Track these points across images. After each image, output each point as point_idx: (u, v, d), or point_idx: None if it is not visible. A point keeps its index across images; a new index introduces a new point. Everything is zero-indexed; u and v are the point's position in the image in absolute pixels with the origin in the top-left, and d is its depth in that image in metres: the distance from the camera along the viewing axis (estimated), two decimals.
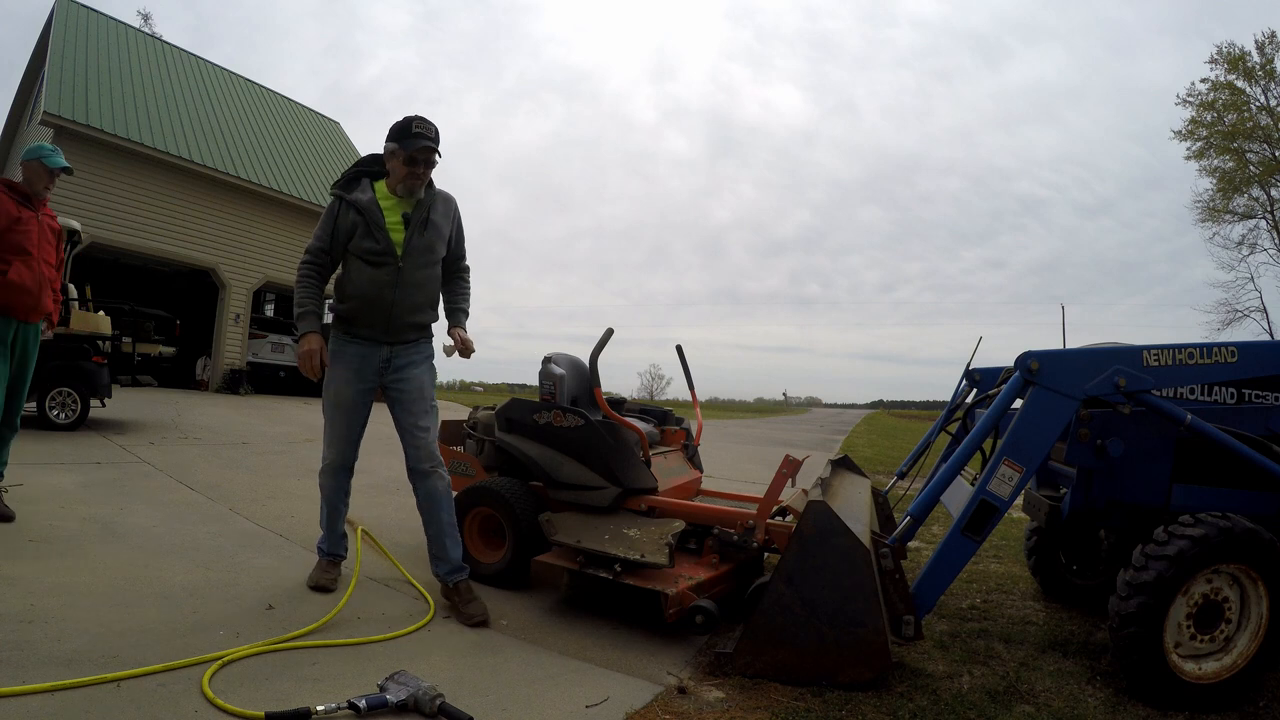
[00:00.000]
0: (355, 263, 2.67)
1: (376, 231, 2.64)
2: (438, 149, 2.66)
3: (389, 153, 2.67)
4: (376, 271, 2.65)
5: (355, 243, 2.65)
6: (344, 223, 2.67)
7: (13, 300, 3.27)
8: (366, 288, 2.65)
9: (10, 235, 3.25)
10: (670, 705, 2.00)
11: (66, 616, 2.21)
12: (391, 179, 2.69)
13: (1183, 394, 2.48)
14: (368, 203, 2.66)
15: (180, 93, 15.61)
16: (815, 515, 2.18)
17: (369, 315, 2.68)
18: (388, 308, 2.67)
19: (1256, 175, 23.43)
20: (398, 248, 2.66)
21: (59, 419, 6.73)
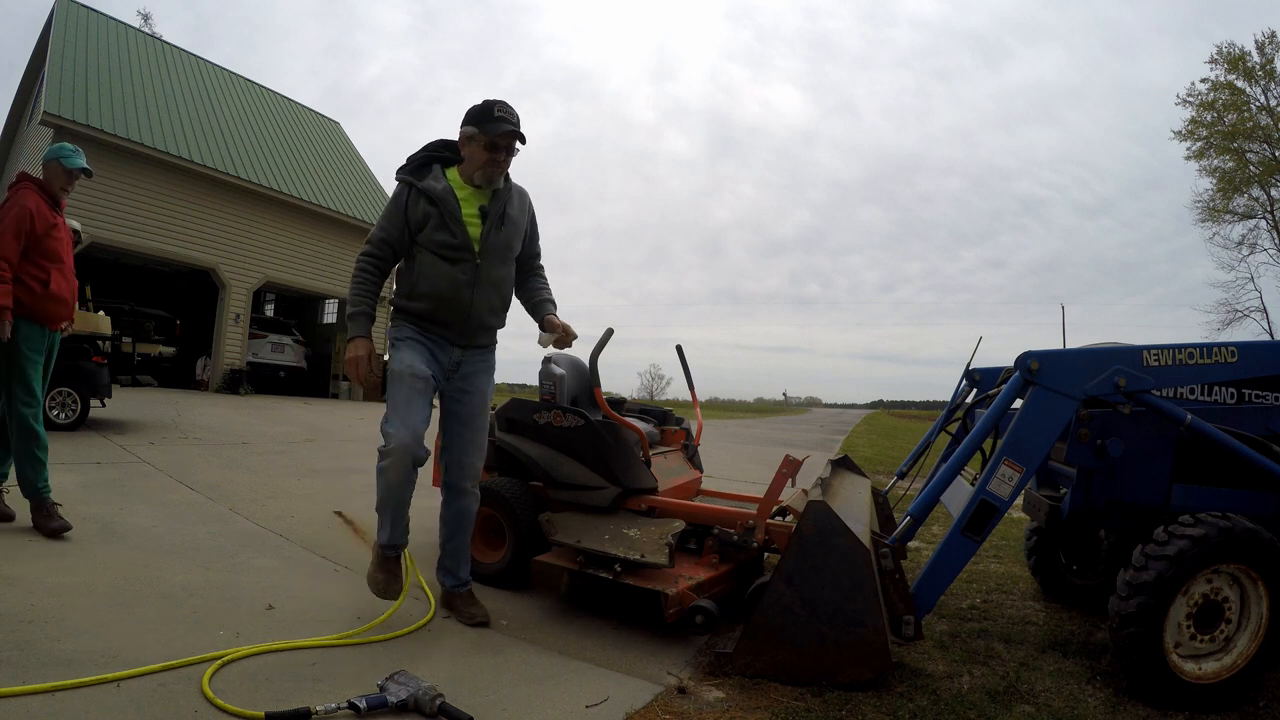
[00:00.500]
0: (427, 257, 2.44)
1: (453, 224, 2.41)
2: (522, 135, 2.43)
3: (466, 138, 2.43)
4: (452, 268, 2.43)
5: (427, 235, 2.42)
6: (415, 213, 2.43)
7: (53, 310, 3.25)
8: (442, 285, 2.43)
9: (48, 243, 3.20)
10: (670, 705, 2.00)
11: (66, 616, 2.21)
12: (467, 167, 2.47)
13: (1183, 394, 2.48)
14: (443, 192, 2.42)
15: (180, 93, 15.61)
16: (815, 515, 2.18)
17: (443, 315, 2.47)
18: (465, 307, 2.46)
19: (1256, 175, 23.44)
20: (475, 243, 2.45)
21: (59, 419, 6.72)
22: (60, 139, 11.92)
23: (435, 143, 2.57)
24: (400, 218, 2.45)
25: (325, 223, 16.75)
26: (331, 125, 21.05)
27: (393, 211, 2.48)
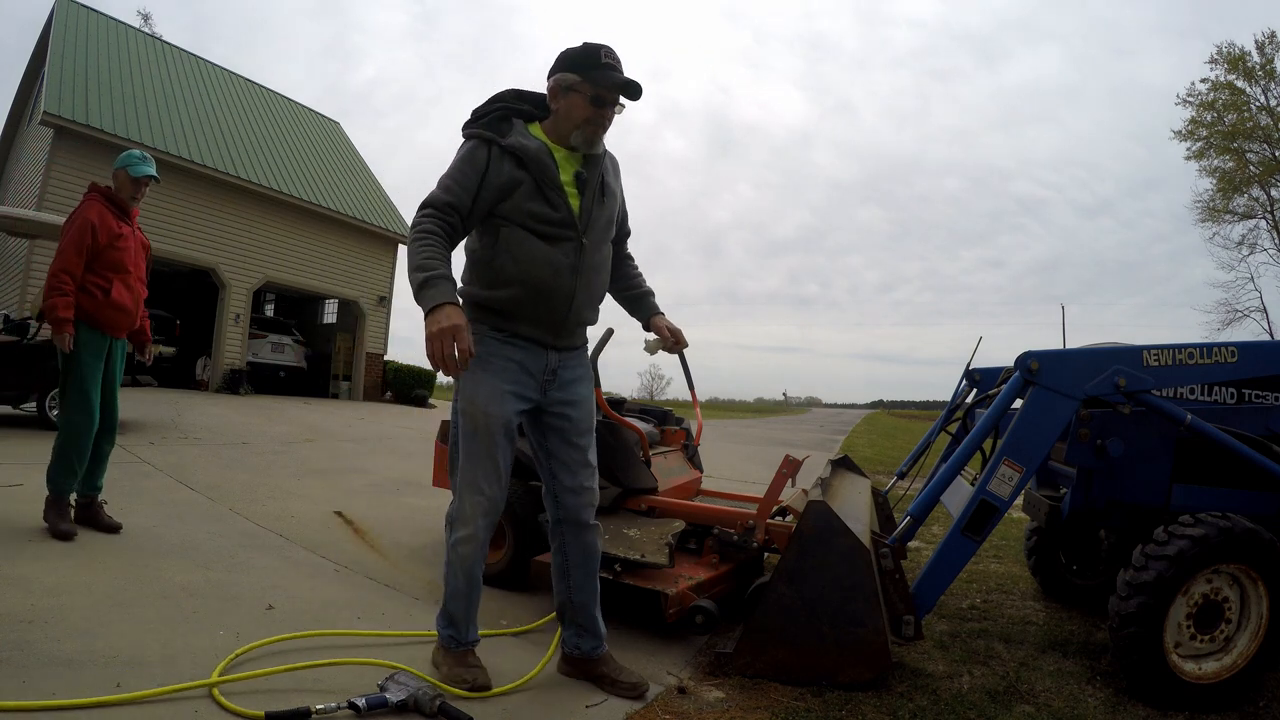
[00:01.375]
0: (518, 234, 1.92)
1: (552, 192, 1.93)
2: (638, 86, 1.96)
3: (562, 87, 1.95)
4: (551, 249, 1.94)
5: (516, 205, 1.92)
6: (497, 176, 1.91)
7: (112, 319, 3.24)
8: (540, 270, 1.93)
9: (112, 253, 3.20)
10: (670, 705, 2.00)
11: (66, 616, 2.21)
12: (561, 123, 1.98)
13: (1183, 394, 2.48)
14: (537, 152, 1.93)
15: (180, 93, 15.61)
16: (815, 515, 2.18)
17: (539, 308, 1.97)
18: (566, 298, 1.98)
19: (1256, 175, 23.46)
20: (577, 218, 1.98)
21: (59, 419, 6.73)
22: (60, 139, 11.93)
23: (506, 93, 2.05)
24: (475, 181, 1.91)
25: (325, 223, 16.74)
26: (331, 125, 21.05)
27: (466, 172, 1.92)
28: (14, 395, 6.69)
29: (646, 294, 2.38)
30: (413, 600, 2.78)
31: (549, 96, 2.00)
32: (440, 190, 1.94)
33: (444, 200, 1.92)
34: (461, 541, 1.95)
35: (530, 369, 2.00)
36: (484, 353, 1.95)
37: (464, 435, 1.95)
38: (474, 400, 1.93)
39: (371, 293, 17.92)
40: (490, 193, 1.92)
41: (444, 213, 1.91)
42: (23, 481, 4.12)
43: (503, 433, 1.95)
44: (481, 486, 1.94)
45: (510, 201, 1.93)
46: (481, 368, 1.94)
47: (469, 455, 1.95)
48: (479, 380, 1.94)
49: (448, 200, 1.92)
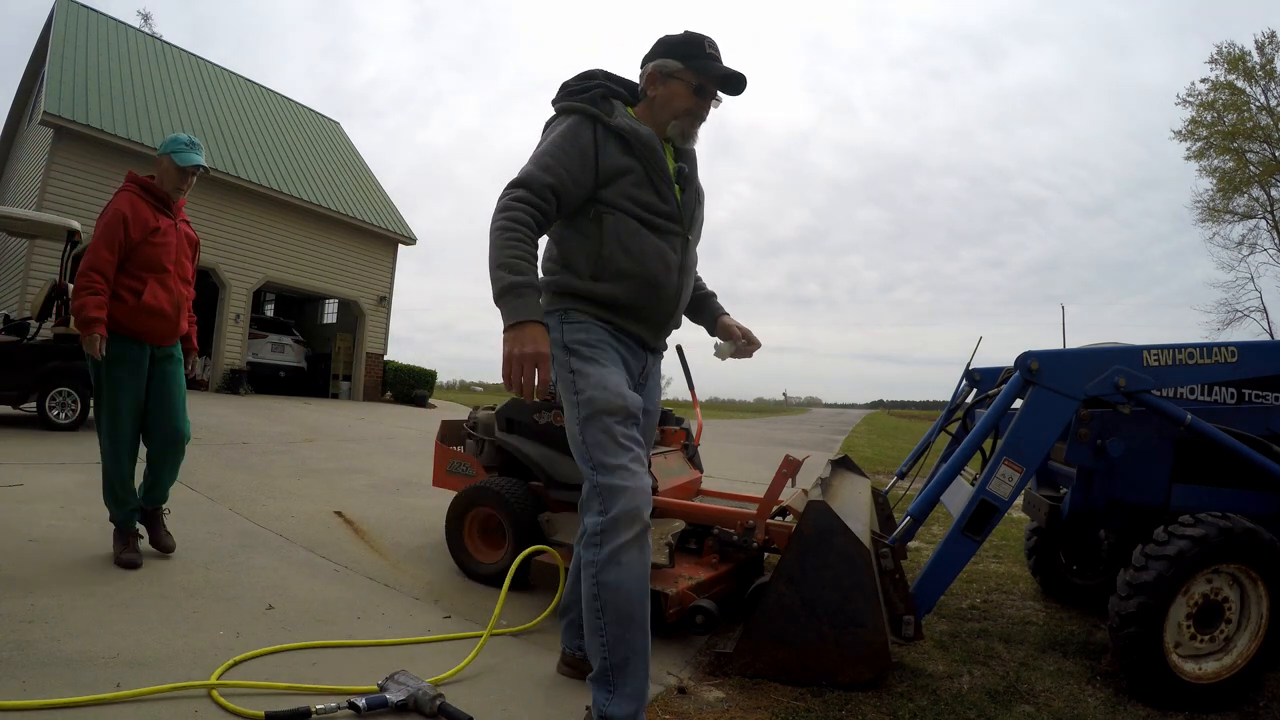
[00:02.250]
0: (628, 224, 1.76)
1: (662, 184, 1.81)
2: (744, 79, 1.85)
3: (666, 74, 1.82)
4: (661, 242, 1.80)
5: (622, 192, 1.75)
6: (605, 159, 1.74)
7: (147, 326, 2.86)
8: (654, 265, 1.78)
9: (147, 249, 2.83)
10: (670, 705, 2.00)
11: (66, 616, 2.21)
12: (659, 111, 1.85)
13: (1183, 394, 2.48)
14: (650, 138, 1.79)
15: (180, 93, 15.61)
16: (815, 515, 2.18)
17: (648, 305, 1.81)
18: (674, 297, 1.86)
19: (1256, 175, 23.47)
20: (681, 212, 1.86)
21: (59, 419, 6.73)
22: (60, 139, 11.93)
23: (597, 72, 1.88)
24: (578, 162, 1.72)
25: (325, 223, 16.75)
26: (331, 125, 21.05)
27: (569, 150, 1.72)
28: (14, 395, 6.69)
29: (710, 295, 2.22)
30: (413, 600, 2.78)
31: (646, 83, 1.85)
32: (538, 169, 1.68)
33: (544, 182, 1.67)
34: (624, 548, 1.59)
35: (630, 368, 1.84)
36: (596, 340, 1.76)
37: (595, 425, 1.67)
38: (603, 381, 1.70)
39: (371, 293, 17.92)
40: (592, 177, 1.73)
41: (541, 198, 1.67)
42: (23, 481, 4.13)
43: (628, 414, 1.70)
44: (629, 466, 1.64)
45: (615, 188, 1.74)
46: (601, 358, 1.74)
47: (609, 443, 1.65)
48: (605, 371, 1.72)
49: (548, 183, 1.68)
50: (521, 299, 1.57)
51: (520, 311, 1.57)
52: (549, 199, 1.69)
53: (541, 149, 1.74)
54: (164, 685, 1.81)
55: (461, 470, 3.46)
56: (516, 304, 1.57)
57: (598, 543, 1.63)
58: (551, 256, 1.86)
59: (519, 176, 1.69)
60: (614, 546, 1.60)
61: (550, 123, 1.82)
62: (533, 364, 1.54)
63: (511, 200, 1.66)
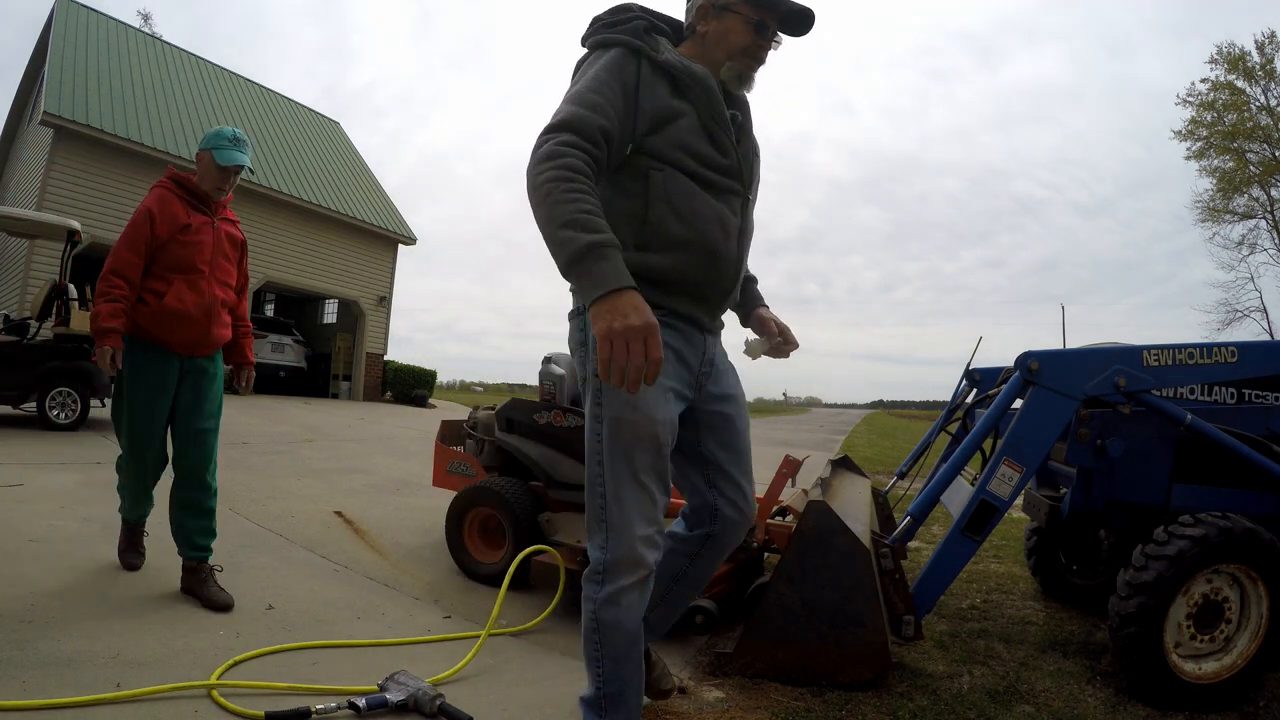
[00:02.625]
0: (679, 182, 1.46)
1: (720, 132, 1.51)
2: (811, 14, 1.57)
3: (719, 7, 1.53)
4: (718, 202, 1.51)
5: (672, 141, 1.45)
6: (650, 100, 1.44)
7: (171, 332, 2.52)
8: (712, 230, 1.49)
9: (175, 249, 2.52)
10: (670, 705, 2.00)
11: (66, 616, 2.21)
12: (712, 48, 1.55)
13: (1183, 394, 2.48)
14: (704, 77, 1.49)
15: (180, 93, 15.61)
16: (815, 515, 2.18)
17: (706, 280, 1.53)
18: (734, 268, 1.57)
19: (1256, 175, 23.47)
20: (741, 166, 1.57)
21: (59, 419, 6.73)
22: (60, 139, 11.92)
23: (632, 4, 1.56)
24: (622, 102, 1.41)
25: (325, 223, 16.75)
26: (331, 125, 21.06)
27: (611, 86, 1.41)
28: (14, 395, 6.70)
29: (751, 279, 1.90)
30: (413, 600, 2.78)
31: (695, 17, 1.57)
32: (584, 108, 1.37)
33: (594, 124, 1.36)
34: (624, 591, 1.46)
35: (687, 359, 1.55)
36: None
37: (616, 453, 1.44)
38: (635, 404, 1.42)
39: (371, 293, 17.92)
40: (638, 122, 1.43)
41: (593, 143, 1.35)
42: (23, 481, 4.12)
43: (670, 444, 1.49)
44: (650, 515, 1.46)
45: (662, 136, 1.45)
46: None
47: (628, 479, 1.44)
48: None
49: (600, 125, 1.36)
50: (606, 261, 1.23)
51: (610, 277, 1.22)
52: (600, 146, 1.37)
53: (581, 87, 1.41)
54: (164, 685, 1.81)
55: (461, 470, 3.46)
56: (602, 268, 1.23)
57: (599, 580, 1.49)
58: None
59: (561, 118, 1.37)
60: (615, 589, 1.47)
61: (583, 62, 1.51)
62: (640, 340, 1.20)
63: (559, 145, 1.32)
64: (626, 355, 1.20)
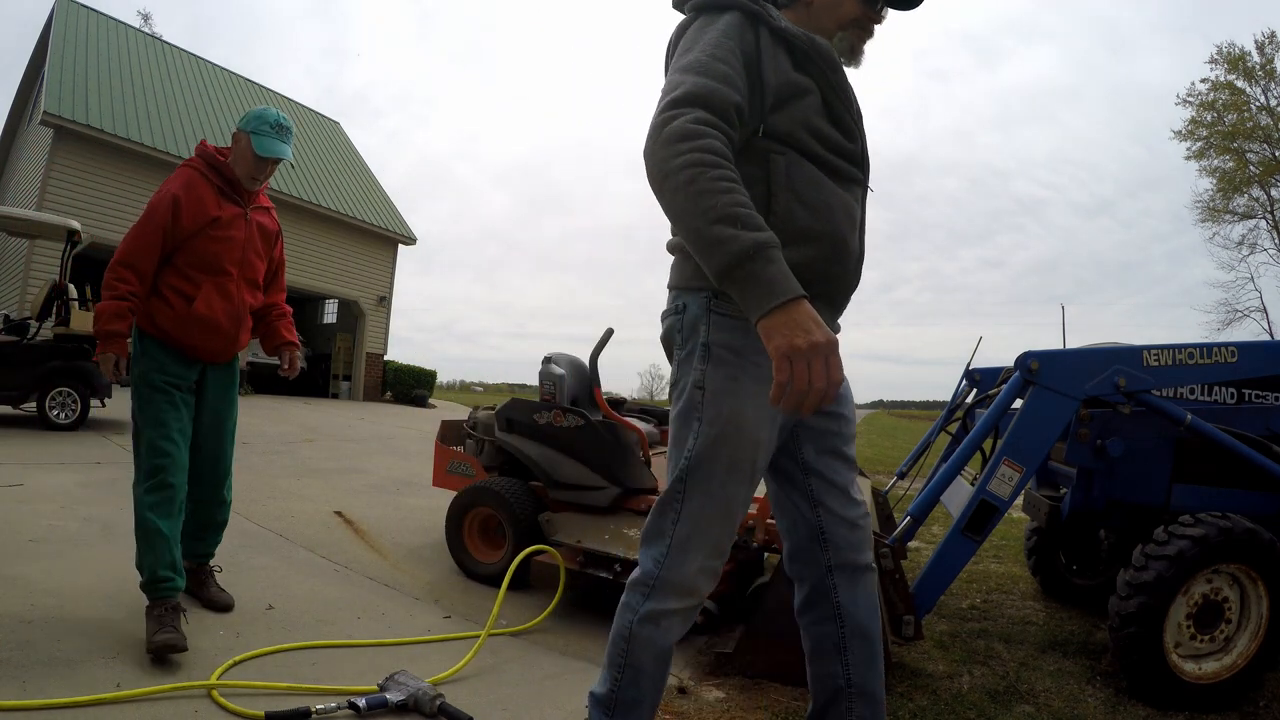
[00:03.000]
0: (803, 168, 1.29)
1: (846, 114, 1.35)
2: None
3: None
4: (844, 191, 1.34)
5: (797, 119, 1.28)
6: (774, 73, 1.26)
7: (198, 339, 2.27)
8: (841, 222, 1.32)
9: (203, 243, 2.23)
10: (670, 705, 2.00)
11: (66, 616, 2.21)
12: (821, 16, 1.39)
13: (1183, 394, 2.48)
14: (829, 50, 1.33)
15: (180, 93, 15.61)
16: None
17: (836, 277, 1.35)
18: (858, 264, 1.41)
19: (1256, 175, 23.47)
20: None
21: (59, 419, 6.73)
22: (60, 139, 11.92)
23: None
24: (745, 74, 1.23)
25: (325, 223, 16.75)
26: (331, 125, 21.06)
27: (736, 55, 1.23)
28: (14, 395, 6.70)
29: None
30: (413, 600, 2.78)
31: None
32: (713, 79, 1.18)
33: (727, 99, 1.18)
34: (668, 615, 1.31)
35: None
36: (748, 348, 1.26)
37: (706, 473, 1.28)
38: (738, 421, 1.26)
39: (371, 293, 17.92)
40: (763, 98, 1.25)
41: (727, 121, 1.17)
42: (23, 482, 4.12)
43: (762, 470, 1.34)
44: (721, 547, 1.32)
45: (785, 115, 1.27)
46: (745, 377, 1.27)
47: (711, 503, 1.29)
48: (743, 391, 1.26)
49: (733, 99, 1.19)
50: (775, 265, 1.07)
51: (782, 284, 1.06)
52: (735, 125, 1.19)
53: (702, 55, 1.21)
54: (164, 685, 1.81)
55: (461, 470, 3.46)
56: (772, 273, 1.07)
57: (644, 593, 1.33)
58: None
59: (688, 90, 1.17)
60: (659, 609, 1.32)
61: (685, 29, 1.32)
62: (823, 359, 1.04)
63: (693, 123, 1.13)
64: (808, 376, 1.05)
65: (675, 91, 1.18)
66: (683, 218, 1.12)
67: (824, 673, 1.44)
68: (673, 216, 1.16)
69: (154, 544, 2.11)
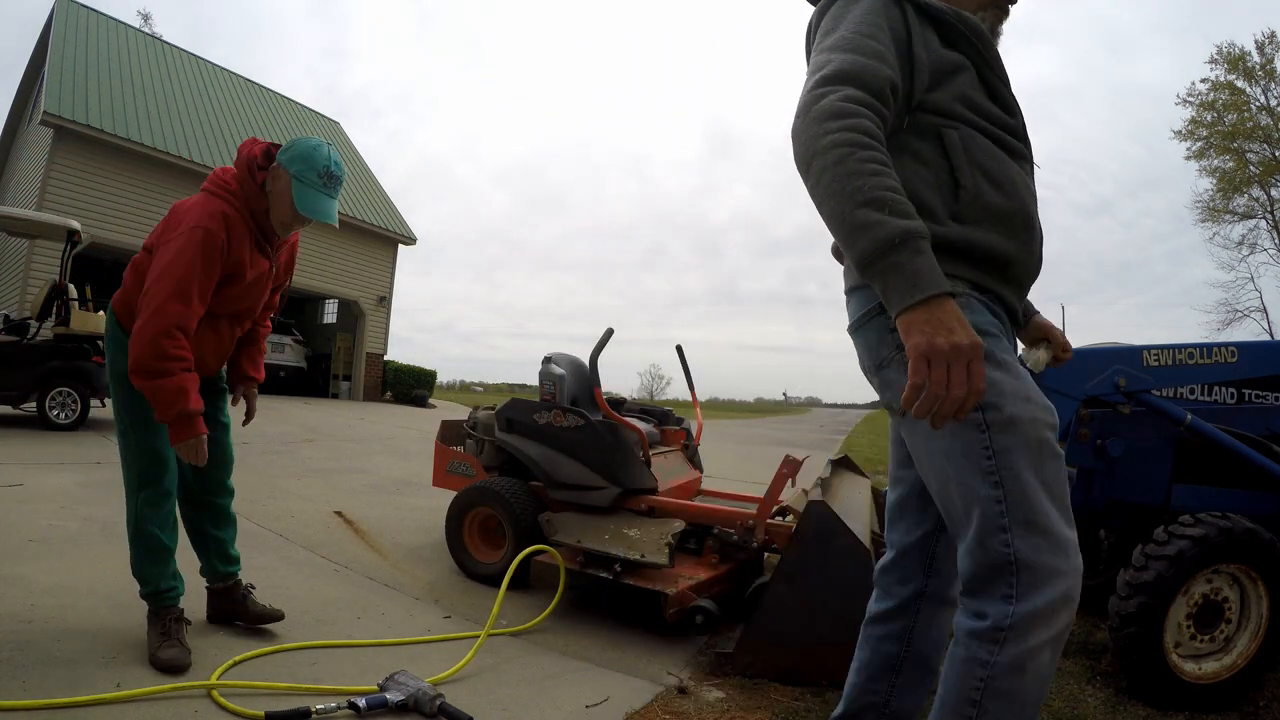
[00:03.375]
0: (980, 142, 1.22)
1: (1004, 89, 1.28)
2: None
3: None
4: (1018, 168, 1.25)
5: (958, 95, 1.22)
6: (924, 50, 1.20)
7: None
8: (1027, 198, 1.24)
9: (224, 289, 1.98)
10: (670, 705, 2.00)
11: (66, 616, 2.21)
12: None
13: (1183, 394, 2.48)
14: (978, 25, 1.27)
15: (180, 93, 15.61)
16: (815, 515, 2.18)
17: (1026, 256, 1.24)
18: (1041, 241, 1.29)
19: (1256, 175, 23.47)
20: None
21: (59, 419, 6.73)
22: (60, 139, 11.92)
23: None
24: (896, 52, 1.18)
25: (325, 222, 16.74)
26: (331, 125, 21.06)
27: (880, 27, 1.18)
28: (14, 395, 6.70)
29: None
30: (413, 600, 2.78)
31: None
32: (865, 56, 1.13)
33: (881, 76, 1.12)
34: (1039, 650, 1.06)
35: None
36: (990, 326, 1.16)
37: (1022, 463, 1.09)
38: (1031, 399, 1.13)
39: (371, 293, 17.92)
40: (916, 77, 1.20)
41: (881, 100, 1.12)
42: (23, 482, 4.12)
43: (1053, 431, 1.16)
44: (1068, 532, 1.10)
45: (945, 92, 1.22)
46: (1004, 352, 1.15)
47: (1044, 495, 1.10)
48: (1011, 370, 1.14)
49: (888, 77, 1.13)
50: (922, 256, 1.01)
51: (928, 278, 1.00)
52: (889, 104, 1.13)
53: (850, 31, 1.17)
54: (164, 685, 1.81)
55: (461, 470, 3.46)
56: (918, 264, 1.00)
57: (1000, 639, 1.07)
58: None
59: (839, 68, 1.12)
60: (1025, 649, 1.06)
61: (829, 8, 1.26)
62: (964, 363, 0.97)
63: (844, 101, 1.08)
64: (946, 381, 0.97)
65: (824, 69, 1.13)
66: (827, 200, 1.06)
67: (867, 686, 1.41)
68: (817, 199, 1.09)
69: (159, 557, 2.03)
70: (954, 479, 1.14)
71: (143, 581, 2.04)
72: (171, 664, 1.91)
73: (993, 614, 1.08)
